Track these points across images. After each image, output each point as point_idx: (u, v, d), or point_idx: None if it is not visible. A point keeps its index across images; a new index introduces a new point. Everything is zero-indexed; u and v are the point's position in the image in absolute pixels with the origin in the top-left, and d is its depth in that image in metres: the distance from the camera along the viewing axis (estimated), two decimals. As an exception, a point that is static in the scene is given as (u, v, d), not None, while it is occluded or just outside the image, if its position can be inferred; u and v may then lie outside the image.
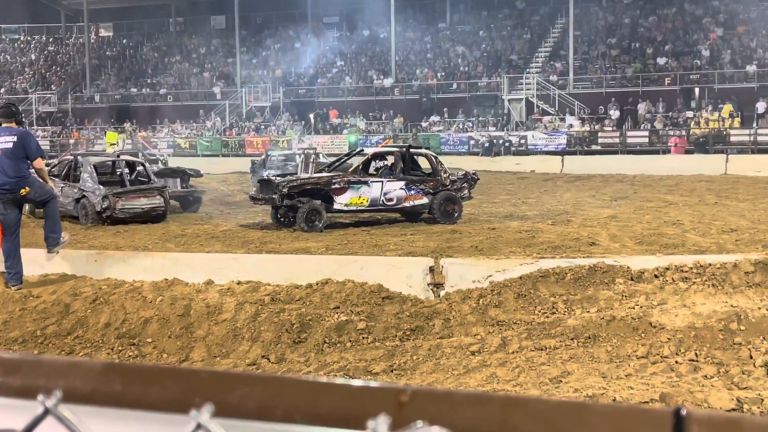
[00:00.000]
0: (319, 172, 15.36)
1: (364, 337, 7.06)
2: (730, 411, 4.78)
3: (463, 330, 7.06)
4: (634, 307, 6.92)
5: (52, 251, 8.94)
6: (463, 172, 15.10)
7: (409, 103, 40.39)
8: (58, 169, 16.25)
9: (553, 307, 7.28)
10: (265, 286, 8.08)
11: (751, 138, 31.58)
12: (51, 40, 55.07)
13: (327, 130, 39.29)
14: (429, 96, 40.61)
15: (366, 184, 13.69)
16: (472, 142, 34.80)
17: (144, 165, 16.37)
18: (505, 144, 33.45)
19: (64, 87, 48.68)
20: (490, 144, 33.17)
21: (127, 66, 50.26)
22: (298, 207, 13.20)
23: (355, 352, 6.78)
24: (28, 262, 8.78)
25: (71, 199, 14.90)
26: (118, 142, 32.76)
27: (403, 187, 13.92)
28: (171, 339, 7.36)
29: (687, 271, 7.53)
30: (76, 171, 15.66)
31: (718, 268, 7.49)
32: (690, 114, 33.90)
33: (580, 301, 7.33)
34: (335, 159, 15.96)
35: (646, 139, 33.20)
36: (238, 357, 7.01)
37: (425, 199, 14.06)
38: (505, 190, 22.07)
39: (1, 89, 48.32)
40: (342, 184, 13.55)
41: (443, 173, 14.36)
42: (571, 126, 35.12)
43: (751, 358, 5.77)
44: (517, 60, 41.04)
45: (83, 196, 14.65)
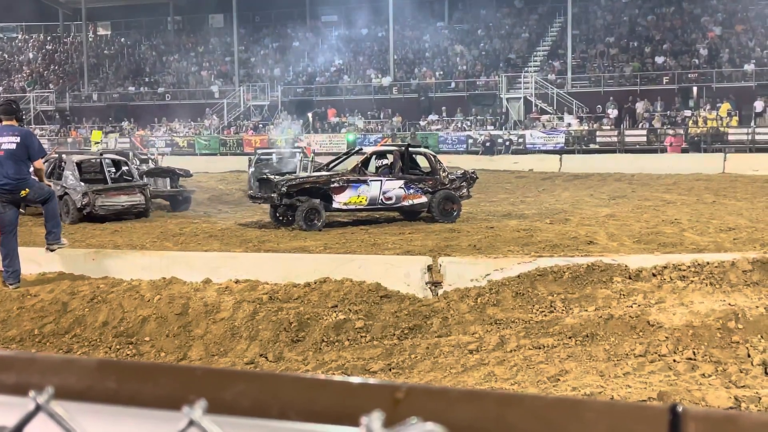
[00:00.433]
0: (317, 170, 15.37)
1: (362, 336, 7.05)
2: (728, 409, 4.78)
3: (461, 329, 7.06)
4: (632, 306, 6.92)
5: (51, 248, 8.93)
6: (462, 171, 15.11)
7: (408, 102, 40.37)
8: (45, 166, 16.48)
9: (551, 306, 7.28)
10: (264, 285, 8.08)
11: (749, 137, 31.62)
12: (49, 38, 55.00)
13: (325, 129, 39.26)
14: (427, 95, 40.59)
15: (365, 183, 13.69)
16: (470, 141, 34.81)
17: (128, 164, 16.61)
18: (506, 143, 33.44)
19: (62, 86, 48.63)
20: (491, 143, 33.15)
21: (125, 65, 50.21)
22: (297, 206, 13.20)
23: (353, 351, 6.77)
24: (26, 261, 8.78)
25: None
26: (101, 140, 32.94)
27: (402, 186, 13.92)
28: (169, 338, 7.35)
29: (685, 270, 7.53)
30: (61, 169, 15.82)
31: (716, 267, 7.49)
32: (688, 113, 33.91)
33: (578, 299, 7.33)
34: (334, 158, 15.95)
35: (644, 138, 33.21)
36: (236, 356, 7.00)
37: (424, 198, 14.06)
38: (504, 189, 22.07)
39: (-1, 88, 48.34)
40: (341, 183, 13.54)
41: (442, 172, 14.36)
42: (569, 125, 35.12)
43: (749, 356, 5.77)
44: (515, 59, 41.04)
45: (65, 193, 14.92)
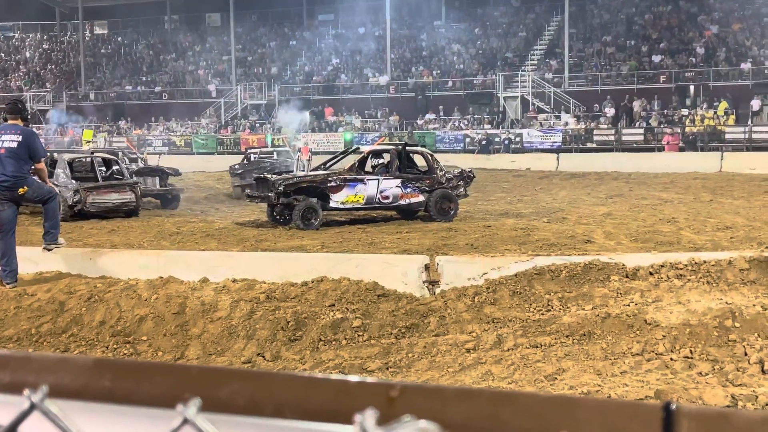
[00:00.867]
0: (314, 170, 15.36)
1: (359, 335, 7.05)
2: (723, 407, 4.79)
3: (458, 327, 7.06)
4: (629, 305, 6.92)
5: (48, 248, 8.92)
6: (459, 170, 15.09)
7: (405, 101, 40.36)
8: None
9: (549, 305, 7.29)
10: (261, 284, 8.07)
11: (746, 135, 31.67)
12: (46, 37, 54.91)
13: (322, 128, 39.25)
14: (424, 94, 40.59)
15: (362, 182, 13.69)
16: (467, 140, 34.81)
17: (118, 162, 16.76)
18: (505, 142, 33.44)
19: (58, 85, 48.56)
20: (488, 142, 33.15)
21: (122, 64, 50.15)
22: (294, 205, 13.19)
23: (351, 350, 6.77)
24: (24, 260, 8.77)
25: None
26: (93, 139, 33.01)
27: (399, 185, 13.91)
28: (166, 337, 7.34)
29: (682, 269, 7.53)
30: (53, 167, 15.93)
31: (713, 266, 7.49)
32: (685, 112, 33.95)
33: (575, 298, 7.33)
34: (331, 157, 15.94)
35: (642, 137, 33.25)
36: (233, 355, 7.00)
37: (421, 197, 14.05)
38: (501, 187, 22.07)
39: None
40: (338, 182, 13.54)
41: (439, 171, 14.35)
42: (566, 124, 35.14)
43: (746, 355, 5.78)
44: (512, 58, 41.05)
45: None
